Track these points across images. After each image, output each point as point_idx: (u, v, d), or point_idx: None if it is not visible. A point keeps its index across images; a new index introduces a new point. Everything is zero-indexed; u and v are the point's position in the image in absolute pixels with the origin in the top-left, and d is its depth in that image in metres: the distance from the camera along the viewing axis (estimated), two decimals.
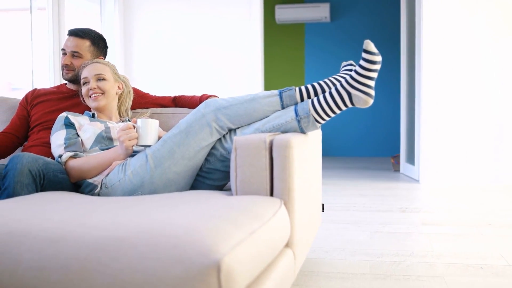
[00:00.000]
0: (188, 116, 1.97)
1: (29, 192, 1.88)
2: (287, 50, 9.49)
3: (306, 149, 1.90)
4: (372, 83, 1.91)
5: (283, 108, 1.98)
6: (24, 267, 1.17)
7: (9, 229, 1.24)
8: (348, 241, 2.79)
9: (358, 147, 9.28)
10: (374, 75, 1.91)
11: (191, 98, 2.62)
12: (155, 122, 2.01)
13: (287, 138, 1.67)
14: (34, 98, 2.57)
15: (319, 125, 1.95)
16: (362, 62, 1.90)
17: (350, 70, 2.10)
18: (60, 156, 2.10)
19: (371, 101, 1.93)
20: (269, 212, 1.47)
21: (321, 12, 8.91)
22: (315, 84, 2.02)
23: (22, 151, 2.48)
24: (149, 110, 2.59)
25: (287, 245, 1.64)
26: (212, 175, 2.03)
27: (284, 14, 9.05)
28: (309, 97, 2.00)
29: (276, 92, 2.00)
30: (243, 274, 1.12)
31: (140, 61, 5.82)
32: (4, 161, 2.66)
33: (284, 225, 1.54)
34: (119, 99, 2.46)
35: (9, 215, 1.36)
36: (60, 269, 1.14)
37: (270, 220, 1.42)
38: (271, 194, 1.69)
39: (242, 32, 5.61)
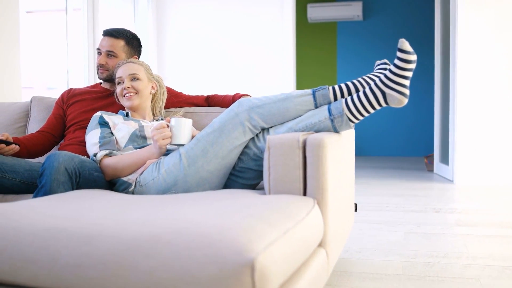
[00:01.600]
0: (221, 115, 1.98)
1: (65, 190, 1.91)
2: (319, 49, 9.46)
3: (339, 148, 1.89)
4: (407, 82, 1.89)
5: (316, 107, 1.97)
6: (61, 264, 1.18)
7: (47, 226, 1.26)
8: (381, 241, 2.77)
9: (391, 147, 9.19)
10: (409, 74, 1.89)
11: (224, 97, 2.63)
12: (189, 121, 2.03)
13: (321, 137, 1.66)
14: (70, 98, 2.61)
15: (352, 124, 1.93)
16: (397, 61, 1.88)
17: (384, 69, 2.08)
18: (95, 155, 2.13)
19: (406, 101, 1.90)
20: (303, 211, 1.47)
21: (354, 11, 8.86)
22: (349, 83, 2.00)
23: (58, 149, 2.52)
24: (182, 109, 2.61)
25: (320, 244, 1.64)
26: (245, 174, 2.03)
27: (316, 12, 9.02)
28: (342, 96, 1.98)
29: (309, 91, 1.99)
30: (277, 273, 1.11)
31: (172, 60, 5.87)
32: (41, 159, 2.71)
33: (317, 224, 1.53)
34: (152, 98, 2.48)
35: (46, 212, 1.39)
36: (96, 265, 1.15)
37: (303, 219, 1.42)
38: (304, 194, 1.68)
39: (274, 31, 5.61)
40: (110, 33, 2.56)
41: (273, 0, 5.59)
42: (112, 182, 2.15)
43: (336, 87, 1.99)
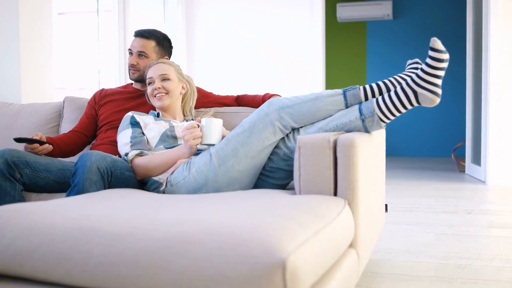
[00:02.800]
0: (251, 115, 1.98)
1: (97, 189, 1.93)
2: (349, 49, 9.41)
3: (370, 148, 1.87)
4: (439, 81, 1.87)
5: (347, 107, 1.96)
6: (94, 262, 1.20)
7: (80, 224, 1.28)
8: (412, 242, 2.74)
9: (422, 147, 9.09)
10: (441, 73, 1.86)
11: (254, 97, 2.63)
12: (219, 121, 2.03)
13: (352, 138, 1.65)
14: (102, 98, 2.64)
15: (383, 124, 1.92)
16: (428, 60, 1.86)
17: (416, 68, 2.06)
18: (126, 154, 2.15)
19: (438, 100, 1.88)
20: (333, 211, 1.46)
21: (384, 10, 8.78)
22: (380, 83, 1.99)
23: (90, 149, 2.55)
24: (212, 109, 2.62)
25: (351, 245, 1.63)
26: (275, 174, 2.03)
27: (346, 12, 8.97)
28: (373, 96, 1.97)
29: (340, 91, 1.98)
30: (308, 274, 1.11)
31: (202, 61, 5.90)
32: (73, 159, 2.75)
33: (348, 225, 1.53)
34: (183, 98, 2.49)
35: (79, 211, 1.40)
36: (128, 264, 1.16)
37: (334, 220, 1.41)
38: (335, 194, 1.67)
39: (303, 30, 5.59)
40: (141, 34, 2.58)
41: (303, 0, 5.58)
42: (143, 182, 2.17)
43: (367, 86, 1.98)
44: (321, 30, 5.57)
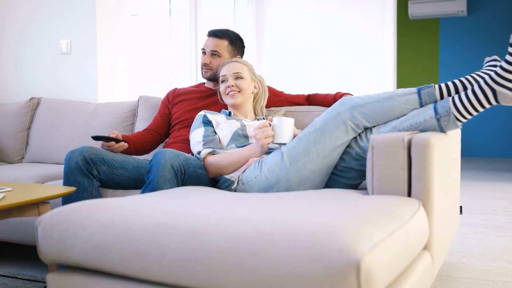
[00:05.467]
0: (323, 114, 1.97)
1: (171, 186, 1.97)
2: (420, 47, 9.19)
3: (445, 148, 1.83)
4: None
5: (421, 106, 1.92)
6: (169, 258, 1.23)
7: (156, 221, 1.31)
8: (488, 246, 2.65)
9: (498, 147, 8.78)
10: None
11: (325, 96, 2.62)
12: (291, 120, 2.03)
13: (427, 137, 1.62)
14: (175, 97, 2.69)
15: (459, 124, 1.86)
16: (508, 57, 1.79)
17: (495, 66, 1.99)
18: (198, 153, 2.19)
19: None
20: (408, 213, 1.44)
21: (457, 6, 8.53)
22: (456, 81, 1.93)
23: (163, 147, 2.61)
24: (283, 108, 2.62)
25: (425, 247, 1.59)
26: (347, 173, 2.01)
27: (418, 9, 8.77)
28: (449, 94, 1.91)
29: (414, 89, 1.94)
30: (382, 275, 1.10)
31: (272, 60, 5.91)
32: (147, 156, 2.81)
33: (422, 227, 1.50)
34: (254, 97, 2.51)
35: (155, 207, 1.44)
36: (203, 261, 1.18)
37: (409, 221, 1.38)
38: (409, 195, 1.64)
39: (374, 28, 5.51)
40: (215, 34, 2.62)
41: None
42: (215, 180, 2.20)
43: (443, 85, 1.92)
44: (393, 28, 5.47)
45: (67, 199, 2.12)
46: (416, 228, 1.42)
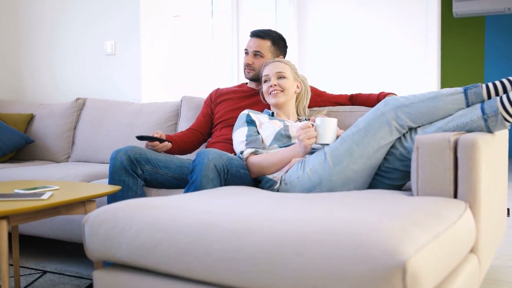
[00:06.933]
0: (367, 114, 1.95)
1: (214, 186, 1.98)
2: (465, 45, 9.02)
3: (492, 149, 1.79)
4: None
5: (468, 106, 1.88)
6: (213, 257, 1.23)
7: (200, 220, 1.32)
8: None
9: None
10: None
11: (369, 96, 2.59)
12: (334, 121, 2.02)
13: (474, 138, 1.58)
14: (218, 97, 2.71)
15: (508, 124, 1.81)
16: None
17: None
18: (241, 152, 2.19)
19: None
20: (454, 215, 1.41)
21: (504, 3, 8.32)
22: (504, 80, 1.88)
23: (206, 147, 2.63)
24: (326, 108, 2.61)
25: (472, 250, 1.56)
26: (391, 174, 1.98)
27: (463, 7, 8.59)
28: (497, 94, 1.87)
29: (460, 89, 1.90)
30: (428, 278, 1.08)
31: (313, 60, 5.89)
32: (190, 156, 2.84)
33: (469, 229, 1.47)
34: (297, 97, 2.50)
35: (199, 207, 1.45)
36: (247, 260, 1.18)
37: (455, 223, 1.36)
38: (455, 196, 1.61)
39: (417, 27, 5.43)
40: (257, 34, 2.62)
41: None
42: (257, 180, 2.20)
43: (490, 84, 1.88)
44: (437, 27, 5.38)
45: (112, 197, 2.16)
46: (462, 230, 1.39)
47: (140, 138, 2.27)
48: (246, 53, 2.63)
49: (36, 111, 3.64)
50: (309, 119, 2.42)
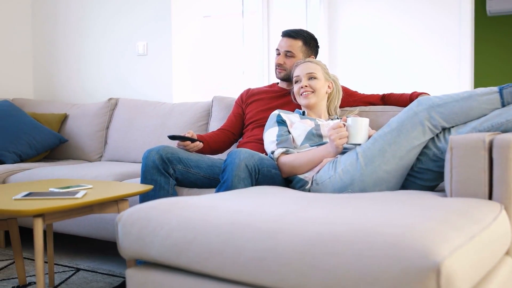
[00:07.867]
0: (399, 114, 1.93)
1: (245, 186, 1.99)
2: (500, 44, 8.86)
3: None
4: None
5: (503, 106, 1.84)
6: (245, 256, 1.23)
7: (232, 220, 1.32)
8: None
9: None
10: None
11: (401, 95, 2.57)
12: (365, 121, 2.00)
13: (510, 138, 1.55)
14: (249, 97, 2.71)
15: None
16: None
17: None
18: (272, 152, 2.19)
19: None
20: (489, 216, 1.39)
21: None
22: None
23: (237, 147, 2.63)
24: (357, 108, 2.59)
25: (508, 253, 1.53)
26: (423, 175, 1.96)
27: (497, 5, 8.43)
28: None
29: (495, 89, 1.87)
30: (463, 280, 1.07)
31: (344, 60, 5.86)
32: (221, 156, 2.85)
33: (505, 231, 1.44)
34: (328, 97, 2.49)
35: (231, 206, 1.45)
36: (279, 260, 1.18)
37: (490, 225, 1.34)
38: (490, 198, 1.59)
39: (450, 26, 5.37)
40: (289, 34, 2.62)
41: None
42: (288, 179, 2.20)
43: None
44: (470, 25, 5.30)
45: (144, 196, 2.18)
46: (498, 232, 1.37)
47: (172, 137, 2.29)
48: (278, 53, 2.63)
49: (69, 111, 3.70)
50: (340, 118, 2.41)
